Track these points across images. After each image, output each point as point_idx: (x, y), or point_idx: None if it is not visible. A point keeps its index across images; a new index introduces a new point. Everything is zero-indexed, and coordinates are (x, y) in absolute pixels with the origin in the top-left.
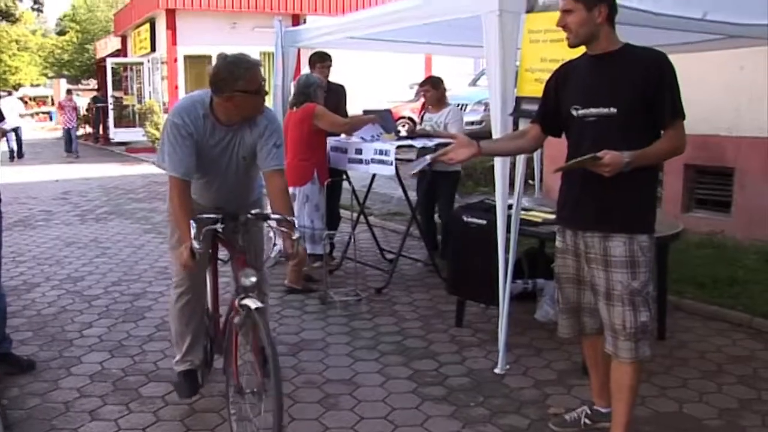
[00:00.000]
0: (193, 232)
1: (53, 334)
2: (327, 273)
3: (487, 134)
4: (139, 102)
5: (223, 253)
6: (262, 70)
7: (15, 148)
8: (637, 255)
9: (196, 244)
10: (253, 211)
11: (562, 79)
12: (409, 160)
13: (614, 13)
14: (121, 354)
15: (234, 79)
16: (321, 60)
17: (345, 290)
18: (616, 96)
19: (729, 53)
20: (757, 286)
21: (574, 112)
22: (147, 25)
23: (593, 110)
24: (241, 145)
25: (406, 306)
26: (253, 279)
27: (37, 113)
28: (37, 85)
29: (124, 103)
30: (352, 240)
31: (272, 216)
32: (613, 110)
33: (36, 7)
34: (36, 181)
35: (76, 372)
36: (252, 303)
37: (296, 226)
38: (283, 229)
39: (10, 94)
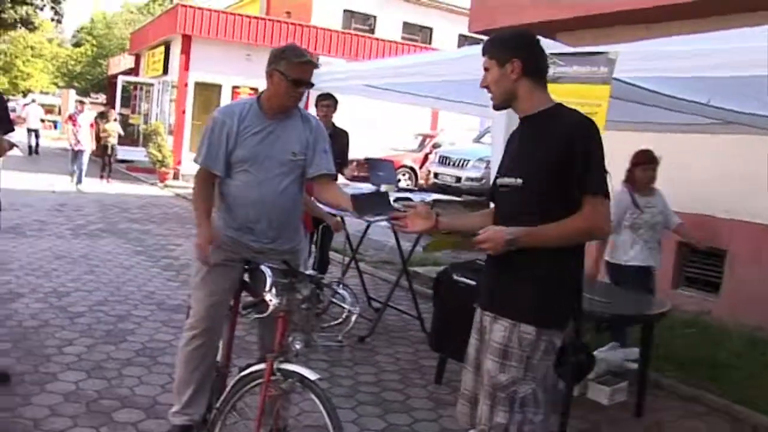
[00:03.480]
0: (269, 282)
1: (32, 348)
2: (314, 316)
3: (487, 191)
4: (145, 122)
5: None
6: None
7: (33, 145)
8: (513, 346)
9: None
10: (313, 273)
11: (506, 145)
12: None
13: (535, 67)
14: (98, 375)
15: (279, 58)
16: (321, 99)
17: (329, 335)
18: (522, 165)
19: (730, 138)
20: (738, 371)
21: (498, 181)
22: (162, 48)
23: (505, 180)
24: (288, 138)
25: (388, 357)
26: (301, 344)
27: (42, 120)
28: (46, 93)
29: (130, 121)
30: (338, 285)
31: (338, 290)
32: (519, 181)
33: (56, 18)
34: (34, 189)
35: (51, 389)
36: (306, 371)
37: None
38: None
39: (33, 101)
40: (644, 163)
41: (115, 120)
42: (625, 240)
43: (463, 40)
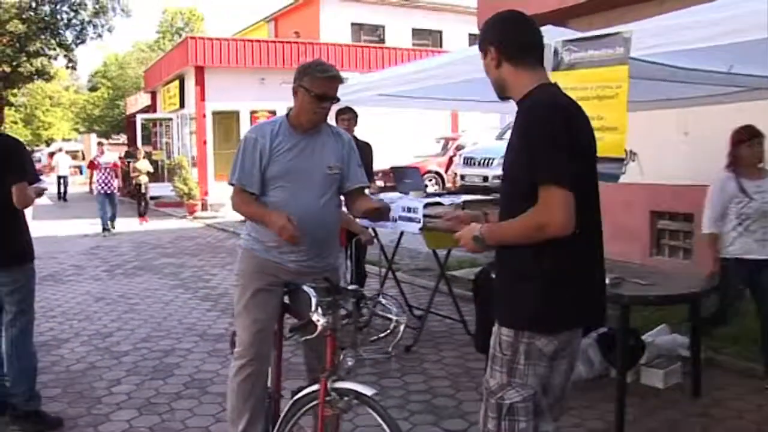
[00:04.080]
0: (314, 302)
1: (81, 391)
2: (356, 330)
3: None
4: (168, 157)
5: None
6: (337, 87)
7: (62, 192)
8: (496, 349)
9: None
10: (355, 287)
11: None
12: (437, 217)
13: (513, 49)
14: (149, 412)
15: (303, 74)
16: (341, 113)
17: (374, 348)
18: (505, 157)
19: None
20: None
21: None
22: (176, 82)
23: (500, 174)
24: (323, 152)
25: (436, 364)
26: (352, 361)
27: (70, 167)
28: (68, 140)
29: (153, 157)
30: (379, 296)
31: (382, 301)
32: (502, 174)
33: (70, 65)
34: (66, 235)
35: (104, 430)
36: (361, 388)
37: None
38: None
39: (61, 149)
40: (747, 139)
41: (144, 158)
42: (731, 232)
43: (474, 39)
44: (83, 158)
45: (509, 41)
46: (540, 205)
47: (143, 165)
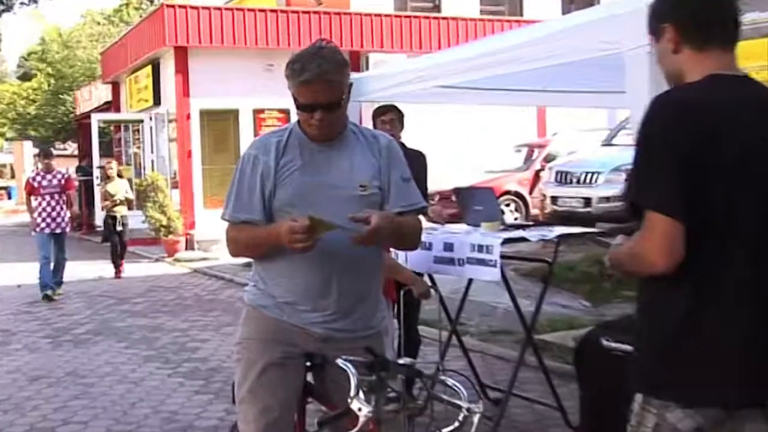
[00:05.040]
0: (353, 382)
1: None
2: (406, 420)
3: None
4: (138, 175)
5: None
6: (333, 79)
7: None
8: (629, 418)
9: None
10: (408, 361)
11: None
12: (521, 259)
13: (695, 25)
14: None
15: (287, 78)
16: (380, 113)
17: None
18: None
19: None
20: None
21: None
22: (148, 69)
23: None
24: (352, 166)
25: None
26: None
27: None
28: None
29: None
30: (440, 372)
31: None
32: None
33: None
34: None
35: None
36: None
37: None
38: None
39: None
40: None
41: (121, 176)
42: None
43: (569, 5)
44: (12, 176)
45: (693, 14)
46: (640, 230)
47: (119, 187)
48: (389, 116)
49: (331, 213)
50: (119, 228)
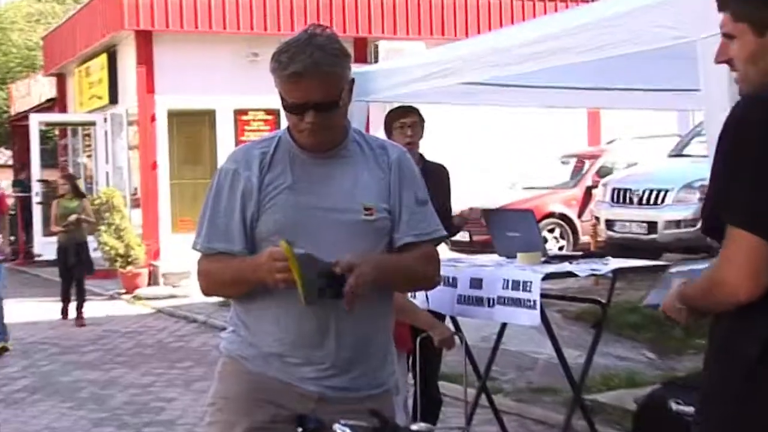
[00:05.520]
0: None
1: None
2: None
3: (705, 242)
4: (89, 191)
5: None
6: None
7: None
8: None
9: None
10: (422, 427)
11: None
12: (568, 299)
13: None
14: None
15: (273, 72)
16: (396, 116)
17: None
18: None
19: None
20: None
21: None
22: (102, 59)
23: None
24: (355, 184)
25: None
26: None
27: None
28: None
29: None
30: None
31: None
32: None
33: None
34: None
35: None
36: None
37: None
38: None
39: None
40: None
41: (81, 194)
42: None
43: None
44: None
45: None
46: (719, 254)
47: (73, 205)
48: (409, 119)
49: (330, 243)
50: (71, 260)
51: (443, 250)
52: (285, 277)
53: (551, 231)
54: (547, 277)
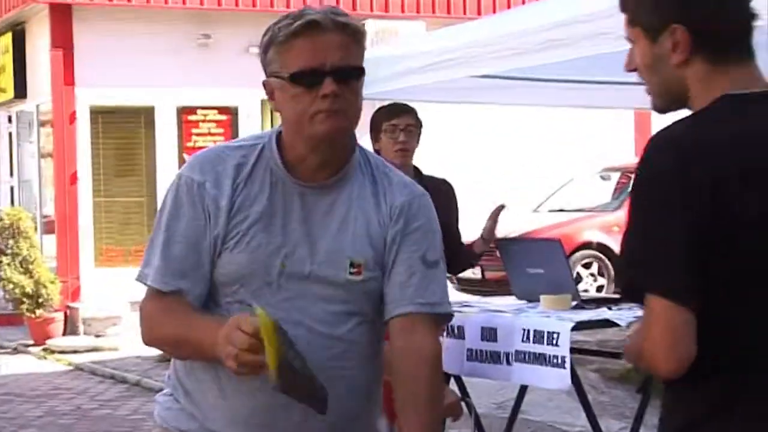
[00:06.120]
0: None
1: None
2: None
3: None
4: None
5: None
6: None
7: None
8: None
9: None
10: None
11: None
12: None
13: (712, 31)
14: None
15: (267, 46)
16: (386, 117)
17: None
18: None
19: None
20: None
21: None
22: (6, 40)
23: None
24: (344, 226)
25: None
26: None
27: None
28: None
29: None
30: None
31: None
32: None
33: None
34: None
35: None
36: None
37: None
38: None
39: None
40: None
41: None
42: None
43: None
44: None
45: (709, 16)
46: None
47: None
48: (404, 120)
49: (301, 306)
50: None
51: (449, 290)
52: (251, 368)
53: (587, 266)
54: (580, 326)
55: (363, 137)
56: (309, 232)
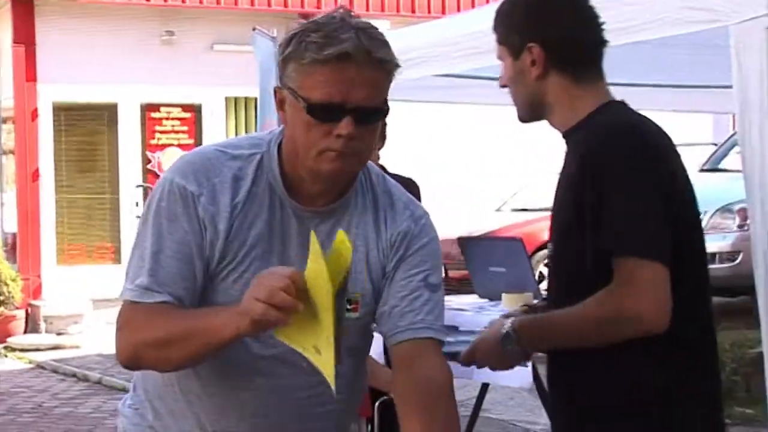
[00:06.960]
0: None
1: None
2: None
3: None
4: None
5: None
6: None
7: None
8: None
9: None
10: None
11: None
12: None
13: (568, 49)
14: None
15: (289, 58)
16: None
17: None
18: (555, 217)
19: None
20: None
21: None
22: None
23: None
24: (355, 257)
25: None
26: None
27: None
28: None
29: None
30: None
31: None
32: (550, 245)
33: None
34: None
35: None
36: None
37: None
38: None
39: None
40: None
41: None
42: None
43: None
44: None
45: (565, 36)
46: (620, 286)
47: None
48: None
49: (287, 347)
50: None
51: None
52: (282, 312)
53: (548, 265)
54: None
55: None
56: (306, 262)
